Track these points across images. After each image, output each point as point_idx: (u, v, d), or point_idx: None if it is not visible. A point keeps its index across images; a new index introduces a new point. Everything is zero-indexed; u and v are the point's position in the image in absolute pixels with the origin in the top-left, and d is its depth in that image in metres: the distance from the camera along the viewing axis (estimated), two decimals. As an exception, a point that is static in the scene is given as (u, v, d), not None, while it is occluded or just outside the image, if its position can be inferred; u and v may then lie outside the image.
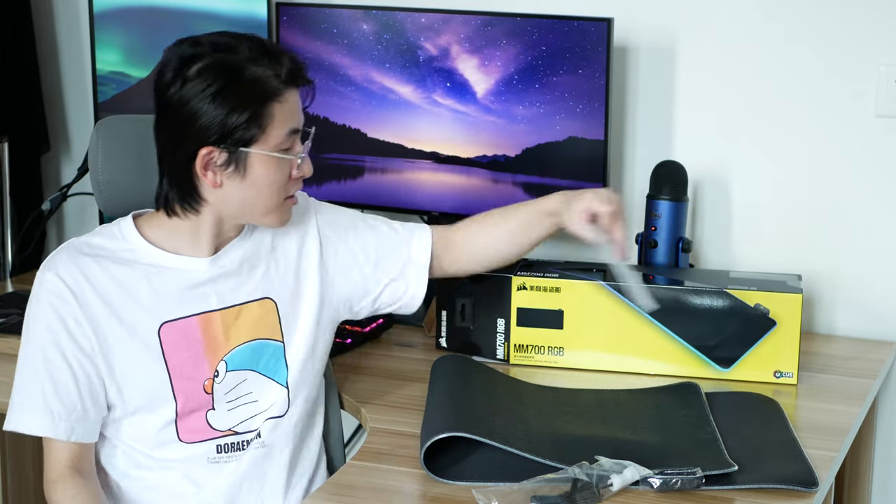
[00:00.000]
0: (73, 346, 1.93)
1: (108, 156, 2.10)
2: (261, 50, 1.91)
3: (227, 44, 1.91)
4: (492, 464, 1.95)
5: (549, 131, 2.68)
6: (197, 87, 1.88)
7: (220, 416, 2.00)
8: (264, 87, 1.89)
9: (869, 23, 2.61)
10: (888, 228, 2.66)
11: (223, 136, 1.89)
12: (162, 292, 1.97)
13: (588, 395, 2.26)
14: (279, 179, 1.94)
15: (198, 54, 1.90)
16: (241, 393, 2.02)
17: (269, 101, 1.90)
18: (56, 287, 1.94)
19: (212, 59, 1.89)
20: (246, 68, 1.89)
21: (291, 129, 1.93)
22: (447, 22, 2.71)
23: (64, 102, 3.37)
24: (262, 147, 1.91)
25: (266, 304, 2.04)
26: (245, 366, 2.01)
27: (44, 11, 3.32)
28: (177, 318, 1.98)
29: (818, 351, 2.57)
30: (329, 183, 2.88)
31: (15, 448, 2.81)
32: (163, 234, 2.00)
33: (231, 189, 1.94)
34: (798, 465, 1.97)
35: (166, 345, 1.96)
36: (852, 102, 2.64)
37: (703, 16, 2.73)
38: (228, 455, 2.01)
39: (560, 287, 2.41)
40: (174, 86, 1.89)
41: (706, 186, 2.77)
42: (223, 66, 1.89)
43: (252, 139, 1.90)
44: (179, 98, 1.89)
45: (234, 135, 1.89)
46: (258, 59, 1.90)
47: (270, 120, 1.90)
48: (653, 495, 1.89)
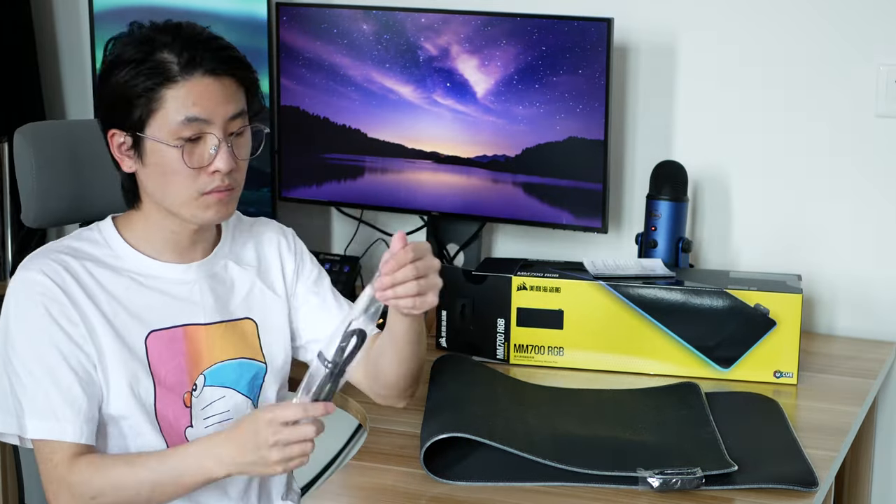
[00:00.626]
0: (71, 346, 1.87)
1: (41, 164, 2.05)
2: (176, 35, 1.87)
3: (153, 28, 1.89)
4: (492, 464, 1.95)
5: (549, 131, 2.68)
6: (109, 65, 1.88)
7: (198, 433, 1.96)
8: (159, 70, 1.84)
9: (869, 23, 2.61)
10: (888, 228, 2.66)
11: (123, 118, 1.87)
12: (149, 301, 1.94)
13: (588, 395, 2.26)
14: (179, 170, 1.86)
15: (127, 33, 1.90)
16: (218, 410, 1.98)
17: (159, 85, 1.84)
18: (43, 286, 1.87)
19: (125, 41, 1.88)
20: (152, 52, 1.86)
21: (188, 117, 1.84)
22: (447, 22, 2.71)
23: (64, 102, 3.37)
24: (154, 132, 1.86)
25: (248, 324, 2.02)
26: (224, 383, 1.98)
27: (44, 11, 3.32)
28: (164, 328, 1.94)
29: (818, 351, 2.57)
30: (329, 183, 2.88)
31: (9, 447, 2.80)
32: (140, 236, 1.96)
33: (143, 176, 1.90)
34: (798, 465, 1.97)
35: (152, 354, 1.92)
36: (852, 102, 2.64)
37: (703, 16, 2.73)
38: None
39: (560, 287, 2.41)
40: (101, 67, 1.91)
41: (706, 186, 2.77)
42: (136, 45, 1.87)
43: (142, 122, 1.86)
44: (99, 79, 1.90)
45: (130, 116, 1.86)
46: (170, 44, 1.86)
47: (161, 105, 1.84)
48: (653, 495, 1.89)
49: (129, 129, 1.87)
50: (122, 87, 1.85)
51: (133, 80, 1.84)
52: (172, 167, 1.86)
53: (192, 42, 1.86)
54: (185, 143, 1.85)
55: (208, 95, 1.85)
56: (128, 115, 1.86)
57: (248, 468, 1.81)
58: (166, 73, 1.84)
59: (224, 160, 1.86)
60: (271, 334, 2.04)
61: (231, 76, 1.88)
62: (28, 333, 1.87)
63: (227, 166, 1.87)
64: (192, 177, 1.87)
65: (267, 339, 2.04)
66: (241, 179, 1.93)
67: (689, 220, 2.73)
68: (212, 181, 1.87)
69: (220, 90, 1.86)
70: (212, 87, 1.86)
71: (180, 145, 1.85)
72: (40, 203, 2.03)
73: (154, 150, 1.86)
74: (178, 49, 1.85)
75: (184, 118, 1.84)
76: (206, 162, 1.87)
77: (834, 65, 2.65)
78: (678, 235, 2.62)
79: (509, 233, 2.94)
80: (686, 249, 2.62)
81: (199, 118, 1.85)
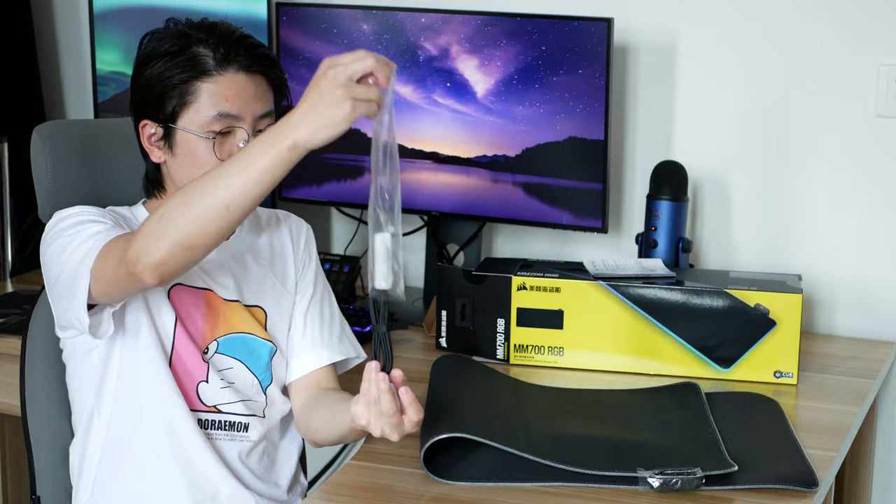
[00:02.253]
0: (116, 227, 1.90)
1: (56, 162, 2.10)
2: (211, 32, 1.93)
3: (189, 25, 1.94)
4: (492, 464, 1.95)
5: (549, 131, 2.68)
6: (142, 60, 1.93)
7: (211, 390, 2.00)
8: (195, 63, 1.90)
9: (869, 23, 2.61)
10: (888, 228, 2.66)
11: (156, 109, 1.92)
12: None
13: (588, 395, 2.26)
14: (208, 162, 1.91)
15: (163, 28, 1.95)
16: (229, 379, 2.03)
17: (195, 78, 1.90)
18: (88, 209, 1.93)
19: (160, 36, 1.94)
20: (188, 46, 1.91)
21: (220, 112, 1.90)
22: (447, 22, 2.71)
23: (64, 102, 3.37)
24: (186, 123, 1.91)
25: (258, 311, 2.07)
26: (234, 354, 2.03)
27: (44, 11, 3.32)
28: (189, 285, 2.00)
29: (818, 351, 2.57)
30: (329, 183, 2.88)
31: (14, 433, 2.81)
32: None
33: (170, 166, 1.96)
34: (798, 465, 1.96)
35: (175, 302, 1.98)
36: (852, 102, 2.64)
37: (703, 16, 2.73)
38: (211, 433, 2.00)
39: (560, 287, 2.41)
40: (136, 60, 1.95)
41: (706, 186, 2.77)
42: (172, 40, 1.92)
43: (175, 114, 1.91)
44: (133, 69, 1.95)
45: (163, 108, 1.91)
46: (205, 40, 1.92)
47: (195, 98, 1.90)
48: (653, 495, 1.89)
49: (161, 120, 1.92)
50: (157, 79, 1.91)
51: (168, 73, 1.90)
52: (201, 158, 1.92)
53: (228, 39, 1.92)
54: (216, 136, 1.91)
55: (241, 92, 1.91)
56: (161, 106, 1.92)
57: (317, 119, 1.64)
58: (202, 67, 1.90)
59: None
60: (279, 324, 2.09)
61: (262, 75, 1.94)
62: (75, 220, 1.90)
63: None
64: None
65: (274, 327, 2.08)
66: None
67: (689, 220, 2.73)
68: None
69: (252, 87, 1.93)
70: (245, 83, 1.92)
71: (212, 137, 1.91)
72: (56, 200, 2.08)
73: (185, 140, 1.92)
74: (214, 45, 1.91)
75: (217, 113, 1.91)
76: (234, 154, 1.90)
77: (834, 65, 2.65)
78: (678, 235, 2.62)
79: (509, 233, 2.94)
80: (686, 249, 2.62)
81: (230, 114, 1.91)
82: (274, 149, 1.66)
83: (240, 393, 2.03)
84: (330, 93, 1.63)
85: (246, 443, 2.04)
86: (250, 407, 2.04)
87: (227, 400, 2.02)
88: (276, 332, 2.09)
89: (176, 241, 1.71)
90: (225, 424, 2.02)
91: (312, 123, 1.64)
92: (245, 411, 2.04)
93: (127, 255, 1.75)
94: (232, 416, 2.03)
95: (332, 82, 1.63)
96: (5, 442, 2.83)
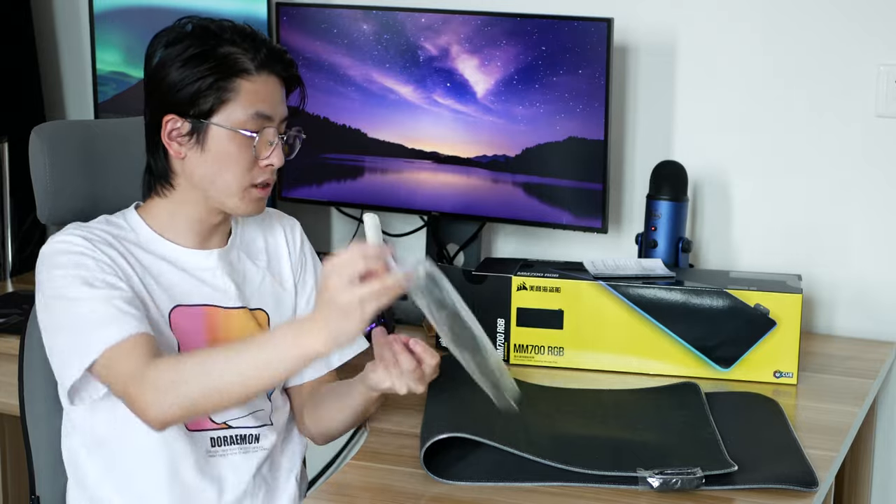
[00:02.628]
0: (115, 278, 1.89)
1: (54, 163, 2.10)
2: (243, 34, 1.95)
3: (213, 23, 1.96)
4: (492, 464, 1.95)
5: (549, 131, 2.68)
6: (171, 54, 1.93)
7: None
8: (234, 62, 1.92)
9: (869, 23, 2.61)
10: (888, 228, 2.66)
11: (186, 105, 1.92)
12: (176, 279, 1.99)
13: (588, 395, 2.26)
14: (239, 160, 1.93)
15: (182, 26, 1.96)
16: None
17: (235, 76, 1.91)
18: (82, 243, 1.91)
19: (193, 31, 1.95)
20: (222, 44, 1.93)
21: (257, 111, 1.93)
22: (447, 22, 2.71)
23: (64, 102, 3.37)
24: (222, 120, 1.92)
25: (261, 315, 2.07)
26: None
27: (44, 11, 3.32)
28: (188, 304, 1.99)
29: (818, 351, 2.57)
30: (329, 183, 2.88)
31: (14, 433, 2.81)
32: (163, 223, 2.01)
33: (194, 162, 1.95)
34: (798, 465, 1.96)
35: (175, 326, 1.98)
36: (852, 102, 2.64)
37: (703, 16, 2.73)
38: (224, 449, 2.00)
39: (560, 287, 2.41)
40: (155, 55, 1.95)
41: (706, 186, 2.77)
42: (201, 37, 1.94)
43: (212, 110, 1.92)
44: (156, 65, 1.95)
45: (197, 104, 1.92)
46: (238, 41, 1.94)
47: (234, 95, 1.92)
48: (653, 495, 1.89)
49: (192, 115, 1.92)
50: (192, 77, 1.91)
51: (206, 70, 1.91)
52: (233, 156, 1.93)
53: (263, 44, 1.95)
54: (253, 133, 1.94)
55: (274, 94, 1.96)
56: (195, 102, 1.91)
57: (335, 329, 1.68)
58: (242, 66, 1.92)
59: (279, 156, 1.97)
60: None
61: (290, 80, 1.99)
62: (67, 275, 1.88)
63: (281, 162, 1.97)
64: (248, 168, 1.95)
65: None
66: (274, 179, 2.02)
67: (689, 220, 2.73)
68: (262, 174, 1.97)
69: (280, 92, 1.98)
70: (276, 87, 1.97)
71: (255, 133, 1.93)
72: (54, 201, 2.09)
73: (218, 136, 1.93)
74: (249, 47, 1.94)
75: (254, 112, 1.93)
76: (263, 154, 1.95)
77: (834, 65, 2.65)
78: (678, 235, 2.62)
79: (509, 233, 2.94)
80: (686, 249, 2.62)
81: (265, 114, 1.94)
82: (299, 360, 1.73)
83: (248, 405, 2.03)
84: (337, 303, 1.67)
85: (260, 452, 2.04)
86: (259, 417, 2.04)
87: (236, 415, 2.02)
88: None
89: (188, 406, 1.78)
90: (237, 438, 2.02)
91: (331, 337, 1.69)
92: (255, 423, 2.04)
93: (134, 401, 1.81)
94: (243, 430, 2.02)
95: (336, 293, 1.66)
96: (5, 442, 2.83)
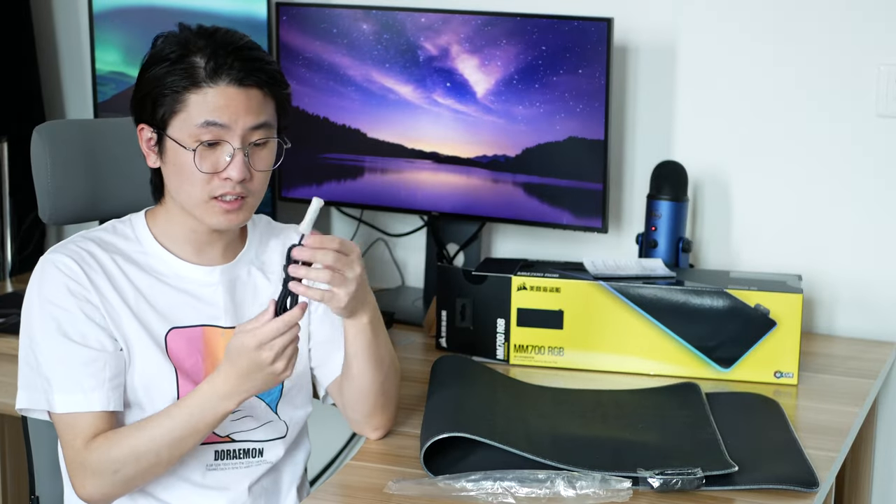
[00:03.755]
0: (91, 325, 1.91)
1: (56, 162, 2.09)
2: (209, 41, 1.90)
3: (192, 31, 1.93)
4: (492, 464, 1.94)
5: (549, 131, 2.68)
6: (144, 64, 1.93)
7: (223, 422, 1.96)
8: (186, 74, 1.88)
9: (869, 23, 2.61)
10: (888, 228, 2.66)
11: (150, 113, 1.91)
12: (172, 299, 1.97)
13: (588, 395, 2.26)
14: (193, 171, 1.89)
15: (169, 34, 1.93)
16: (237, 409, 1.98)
17: (186, 90, 1.88)
18: (68, 268, 1.91)
19: (167, 38, 1.93)
20: (186, 55, 1.89)
21: (207, 120, 1.87)
22: (447, 22, 2.71)
23: (64, 102, 3.37)
24: (174, 132, 1.90)
25: None
26: None
27: (44, 11, 3.32)
28: (184, 326, 1.97)
29: (818, 351, 2.57)
30: (329, 183, 2.88)
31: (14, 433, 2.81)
32: (164, 231, 1.99)
33: (164, 172, 1.95)
34: (798, 465, 1.96)
35: (171, 349, 1.95)
36: (852, 102, 2.64)
37: (703, 16, 2.73)
38: (225, 462, 2.00)
39: (560, 287, 2.41)
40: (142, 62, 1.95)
41: (706, 186, 2.77)
42: (169, 46, 1.91)
43: (165, 122, 1.90)
44: (138, 73, 1.94)
45: (156, 113, 1.91)
46: (202, 49, 1.89)
47: (184, 107, 1.88)
48: (653, 495, 1.89)
49: (155, 125, 1.91)
50: (153, 84, 1.90)
51: (163, 79, 1.89)
52: (187, 168, 1.89)
53: (224, 50, 1.89)
54: (203, 146, 1.88)
55: (230, 104, 1.88)
56: (154, 111, 1.91)
57: (260, 388, 1.86)
58: (193, 78, 1.88)
59: (237, 168, 1.89)
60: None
61: (257, 88, 1.90)
62: (50, 312, 1.91)
63: (240, 175, 1.89)
64: (205, 180, 1.90)
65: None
66: (258, 189, 1.95)
67: (689, 220, 2.73)
68: (223, 186, 1.90)
69: (244, 100, 1.89)
70: (235, 96, 1.89)
71: (194, 148, 1.88)
72: (56, 201, 2.09)
73: (172, 149, 1.90)
74: (209, 55, 1.88)
75: (203, 121, 1.88)
76: (219, 167, 1.89)
77: (834, 65, 2.65)
78: (678, 235, 2.62)
79: (509, 233, 2.94)
80: (686, 249, 2.62)
81: (217, 123, 1.88)
82: (219, 421, 1.89)
83: (255, 419, 2.02)
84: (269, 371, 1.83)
85: (263, 465, 2.02)
86: (267, 431, 2.02)
87: (241, 428, 2.00)
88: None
89: (133, 486, 1.92)
90: (240, 453, 2.01)
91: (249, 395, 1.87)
92: (262, 436, 2.02)
93: (77, 484, 1.91)
94: (247, 444, 2.01)
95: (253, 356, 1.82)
96: (5, 442, 2.83)
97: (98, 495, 1.90)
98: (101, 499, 1.91)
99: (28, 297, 1.94)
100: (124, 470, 1.87)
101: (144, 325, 1.94)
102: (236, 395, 1.85)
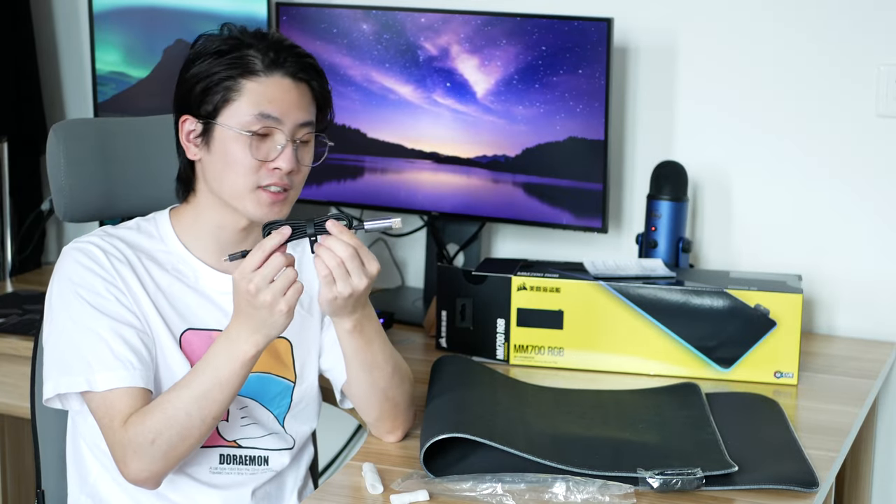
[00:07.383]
0: (120, 308, 1.91)
1: (70, 160, 2.11)
2: (262, 38, 1.93)
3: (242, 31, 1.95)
4: (492, 464, 1.94)
5: (549, 131, 2.68)
6: (191, 55, 1.94)
7: (231, 427, 1.99)
8: (242, 63, 1.90)
9: (869, 23, 2.61)
10: (889, 228, 2.66)
11: (196, 104, 1.92)
12: (191, 301, 1.98)
13: (588, 396, 2.26)
14: (242, 160, 1.90)
15: (210, 33, 1.95)
16: (249, 416, 2.01)
17: (242, 77, 1.90)
18: (96, 257, 1.92)
19: (213, 37, 1.94)
20: (238, 47, 1.92)
21: (262, 112, 1.89)
22: (447, 22, 2.71)
23: (64, 102, 3.37)
24: (226, 120, 1.90)
25: (282, 343, 2.03)
26: (247, 394, 2.00)
27: (44, 11, 3.32)
28: (200, 328, 1.98)
29: (818, 351, 2.57)
30: (329, 183, 2.88)
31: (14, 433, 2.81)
32: (189, 231, 2.00)
33: (206, 163, 1.94)
34: (798, 465, 1.96)
35: (186, 348, 1.96)
36: (852, 102, 2.64)
37: (703, 16, 2.73)
38: (230, 468, 2.00)
39: (560, 287, 2.41)
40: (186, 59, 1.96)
41: (706, 186, 2.77)
42: (221, 39, 1.93)
43: (217, 110, 1.91)
44: (181, 69, 1.95)
45: (205, 103, 1.91)
46: (256, 45, 1.92)
47: (239, 95, 1.90)
48: (653, 495, 1.89)
49: (202, 116, 1.92)
50: (203, 75, 1.91)
51: (215, 69, 1.90)
52: (236, 156, 1.91)
53: (278, 45, 1.93)
54: (255, 136, 1.90)
55: (284, 97, 1.92)
56: (203, 101, 1.91)
57: (266, 329, 1.83)
58: (249, 66, 1.90)
59: (287, 159, 1.92)
60: (305, 354, 2.06)
61: (308, 84, 1.95)
62: (83, 296, 1.91)
63: (289, 166, 1.92)
64: (254, 168, 1.91)
65: (301, 358, 2.05)
66: (299, 184, 1.97)
67: (689, 220, 2.73)
68: (270, 177, 1.92)
69: (297, 95, 1.93)
70: (289, 89, 1.92)
71: (248, 134, 1.90)
72: (70, 199, 2.11)
73: (221, 137, 1.91)
74: (264, 49, 1.91)
75: (258, 112, 1.90)
76: (269, 157, 1.91)
77: (834, 65, 2.65)
78: (678, 235, 2.62)
79: (509, 233, 2.94)
80: (686, 249, 2.62)
81: (270, 115, 1.91)
82: (242, 370, 1.85)
83: (262, 427, 2.02)
84: (259, 305, 1.80)
85: (268, 473, 2.03)
86: (275, 440, 2.03)
87: (248, 435, 2.01)
88: (303, 363, 2.05)
89: (173, 457, 1.87)
90: (245, 459, 2.01)
91: (261, 337, 1.83)
92: (269, 445, 2.02)
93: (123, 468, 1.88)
94: (252, 451, 2.01)
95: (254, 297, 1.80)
96: (6, 441, 2.83)
97: (145, 473, 1.87)
98: (149, 477, 1.88)
99: (58, 286, 1.93)
100: (160, 439, 1.84)
101: (163, 319, 1.95)
102: (247, 337, 1.82)
